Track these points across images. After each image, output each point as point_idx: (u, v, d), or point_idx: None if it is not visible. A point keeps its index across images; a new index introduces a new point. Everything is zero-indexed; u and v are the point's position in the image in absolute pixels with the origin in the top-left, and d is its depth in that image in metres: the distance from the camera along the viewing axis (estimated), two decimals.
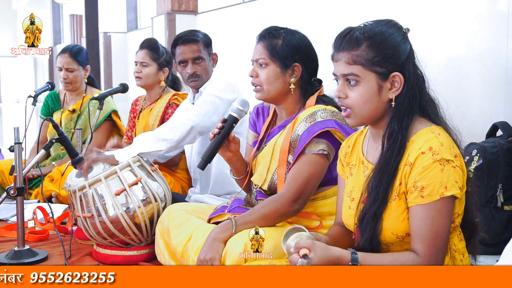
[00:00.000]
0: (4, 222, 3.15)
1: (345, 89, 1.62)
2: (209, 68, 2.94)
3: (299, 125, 2.08)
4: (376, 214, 1.58)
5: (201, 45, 2.91)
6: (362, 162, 1.72)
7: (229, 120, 2.11)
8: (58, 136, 2.49)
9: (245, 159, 2.34)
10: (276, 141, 2.16)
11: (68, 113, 3.83)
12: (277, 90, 2.13)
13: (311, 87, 2.17)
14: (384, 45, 1.58)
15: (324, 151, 2.03)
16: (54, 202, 3.35)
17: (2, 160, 3.90)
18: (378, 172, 1.59)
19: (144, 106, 3.53)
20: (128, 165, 2.45)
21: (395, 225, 1.58)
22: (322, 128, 2.02)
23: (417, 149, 1.54)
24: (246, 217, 2.02)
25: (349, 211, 1.71)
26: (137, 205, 2.39)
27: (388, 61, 1.58)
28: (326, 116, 2.05)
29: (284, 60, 2.11)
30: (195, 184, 3.10)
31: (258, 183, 2.20)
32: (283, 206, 2.01)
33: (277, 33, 2.14)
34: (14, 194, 2.40)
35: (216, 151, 2.11)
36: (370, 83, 1.59)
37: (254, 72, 2.15)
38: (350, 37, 1.61)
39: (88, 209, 2.40)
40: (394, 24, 1.63)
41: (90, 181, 2.39)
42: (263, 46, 2.14)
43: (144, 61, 3.39)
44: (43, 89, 3.75)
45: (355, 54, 1.59)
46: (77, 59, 3.79)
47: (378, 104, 1.60)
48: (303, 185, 2.02)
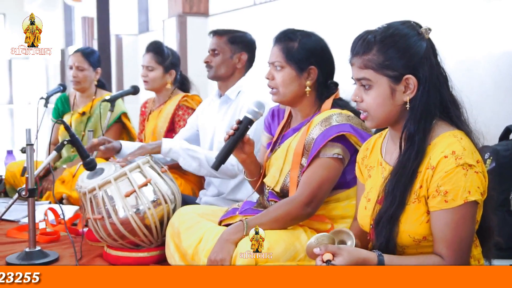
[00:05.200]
0: (16, 223, 3.17)
1: (360, 93, 1.63)
2: (226, 64, 2.92)
3: (314, 128, 2.08)
4: (392, 217, 1.58)
5: (224, 39, 2.92)
6: (380, 163, 1.72)
7: (244, 121, 2.12)
8: (70, 138, 2.50)
9: (259, 159, 2.35)
10: (290, 143, 2.17)
11: (78, 116, 3.84)
12: (293, 93, 2.14)
13: (327, 90, 2.18)
14: (395, 48, 1.58)
15: (339, 155, 2.03)
16: (65, 204, 3.36)
17: (14, 162, 3.93)
18: (395, 175, 1.59)
19: (153, 108, 3.54)
20: (138, 167, 2.46)
21: (413, 228, 1.57)
22: (338, 132, 2.03)
23: (440, 153, 1.54)
24: (258, 219, 2.03)
25: (365, 212, 1.71)
26: (147, 207, 2.40)
27: (399, 64, 1.58)
28: (341, 120, 2.06)
29: (299, 63, 2.12)
30: (207, 187, 3.10)
31: (271, 184, 2.20)
32: (295, 209, 2.01)
33: (293, 36, 2.15)
34: (25, 195, 2.42)
35: (230, 152, 2.12)
36: (382, 86, 1.59)
37: (270, 74, 2.16)
38: (363, 41, 1.62)
39: (98, 211, 2.41)
40: (410, 25, 1.62)
41: (100, 183, 2.41)
42: (279, 49, 2.15)
43: (149, 65, 3.40)
44: (55, 91, 3.78)
45: (366, 59, 1.60)
46: (88, 59, 3.81)
47: (393, 107, 1.60)
48: (316, 189, 2.02)
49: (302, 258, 1.96)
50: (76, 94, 3.94)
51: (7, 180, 3.80)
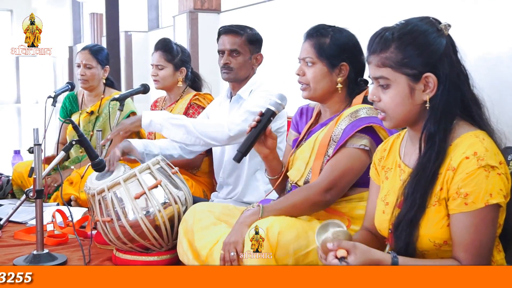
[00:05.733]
0: (23, 225, 3.19)
1: (378, 92, 1.63)
2: (246, 65, 2.94)
3: (343, 120, 2.11)
4: (412, 221, 1.57)
5: (243, 39, 2.93)
6: (398, 165, 1.71)
7: (266, 113, 2.14)
8: (78, 138, 2.51)
9: (283, 158, 2.36)
10: (317, 136, 2.19)
11: (86, 115, 3.85)
12: (324, 89, 2.16)
13: (358, 87, 2.20)
14: (413, 45, 1.57)
15: (366, 146, 2.05)
16: (74, 206, 3.38)
17: (21, 162, 3.94)
18: (415, 177, 1.59)
19: (164, 107, 3.55)
20: (148, 168, 2.47)
21: (434, 232, 1.57)
22: (367, 123, 2.05)
23: (461, 154, 1.53)
24: (275, 205, 2.05)
25: (383, 216, 1.70)
26: (157, 209, 2.41)
27: (418, 62, 1.57)
28: (371, 113, 2.08)
29: (331, 59, 2.14)
30: (219, 189, 3.11)
31: (295, 178, 2.21)
32: (314, 195, 2.03)
33: (325, 32, 2.17)
34: (33, 196, 2.44)
35: (253, 144, 2.14)
36: (401, 85, 1.59)
37: (301, 70, 2.18)
38: (380, 39, 1.61)
39: (107, 213, 2.43)
40: (428, 21, 1.61)
41: (109, 184, 2.42)
42: (310, 44, 2.17)
43: (159, 63, 3.41)
44: (63, 90, 3.77)
45: (384, 57, 1.59)
46: (96, 56, 3.82)
47: (412, 107, 1.60)
48: (338, 177, 2.03)
49: (313, 250, 1.95)
50: (84, 93, 3.95)
51: (14, 181, 3.82)
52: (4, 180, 3.89)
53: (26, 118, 14.36)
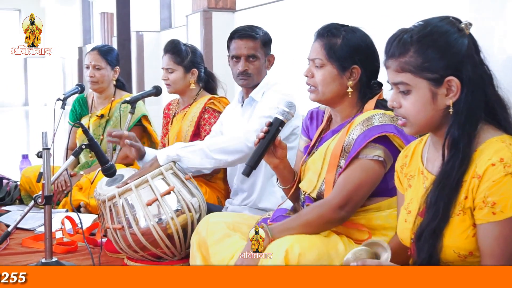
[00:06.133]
0: (31, 232, 3.21)
1: (398, 98, 1.61)
2: (262, 69, 2.94)
3: (355, 128, 2.06)
4: (435, 231, 1.55)
5: (259, 43, 2.92)
6: (421, 172, 1.69)
7: (274, 123, 2.11)
8: (88, 142, 2.52)
9: (295, 166, 2.33)
10: (328, 145, 2.15)
11: (96, 118, 3.87)
12: (333, 93, 2.12)
13: (370, 91, 2.15)
14: (434, 48, 1.55)
15: (380, 157, 2.01)
16: (83, 212, 3.39)
17: (30, 167, 3.96)
18: (438, 185, 1.57)
19: (178, 110, 3.54)
20: (160, 173, 2.47)
21: (458, 242, 1.55)
22: (380, 132, 2.00)
23: (486, 160, 1.50)
24: (288, 223, 2.02)
25: (405, 225, 1.69)
26: (169, 216, 2.41)
27: (440, 65, 1.55)
28: (384, 120, 2.04)
29: (342, 61, 2.10)
30: (233, 195, 3.10)
31: (307, 189, 2.18)
32: (328, 212, 2.00)
33: (337, 32, 2.12)
34: (42, 202, 2.44)
35: (262, 156, 2.11)
36: (422, 90, 1.57)
37: (310, 72, 2.14)
38: (398, 42, 1.59)
39: (118, 220, 2.43)
40: (449, 22, 1.59)
41: (120, 190, 2.42)
42: (320, 45, 2.12)
43: (168, 66, 3.40)
44: (72, 92, 3.79)
45: (403, 61, 1.57)
46: (106, 57, 3.83)
47: (434, 112, 1.58)
48: (352, 191, 2.00)
49: None
50: (94, 95, 3.97)
51: (22, 186, 3.83)
52: (12, 186, 3.92)
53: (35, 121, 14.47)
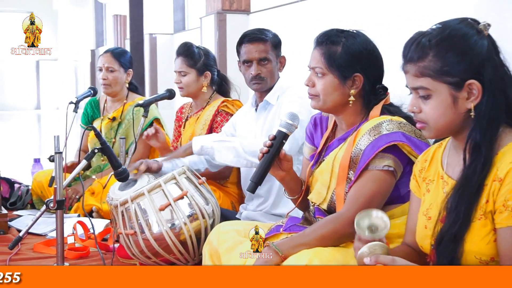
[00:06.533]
0: (43, 237, 3.24)
1: (418, 102, 1.61)
2: (274, 71, 2.96)
3: (362, 138, 2.06)
4: (456, 237, 1.56)
5: (269, 45, 2.94)
6: (441, 177, 1.70)
7: (278, 136, 2.09)
8: (101, 146, 2.54)
9: (302, 174, 2.34)
10: (335, 155, 2.14)
11: (108, 121, 3.89)
12: (335, 102, 2.12)
13: (375, 97, 2.15)
14: (453, 51, 1.56)
15: (390, 167, 2.00)
16: (95, 217, 3.40)
17: (41, 171, 4.00)
18: (459, 189, 1.57)
19: (191, 114, 3.56)
20: (173, 178, 2.49)
21: (479, 248, 1.55)
22: (388, 142, 1.99)
23: (508, 163, 1.51)
24: (301, 238, 2.01)
25: (425, 231, 1.69)
26: (183, 222, 2.43)
27: (460, 69, 1.55)
28: (392, 128, 2.02)
29: (343, 70, 2.08)
30: (248, 201, 3.11)
31: (316, 201, 2.18)
32: (342, 227, 1.99)
33: (336, 39, 2.11)
34: (53, 207, 2.46)
35: (267, 171, 2.09)
36: (442, 95, 1.57)
37: (310, 81, 2.14)
38: (416, 46, 1.59)
39: (130, 225, 2.45)
40: (467, 23, 1.59)
41: (132, 195, 2.45)
42: (320, 53, 2.11)
43: (181, 70, 3.42)
44: (85, 95, 3.81)
45: (422, 66, 1.58)
46: (119, 59, 3.86)
47: (455, 116, 1.58)
48: (365, 204, 1.98)
49: None
50: (106, 98, 4.00)
51: (34, 191, 3.87)
52: (24, 190, 3.94)
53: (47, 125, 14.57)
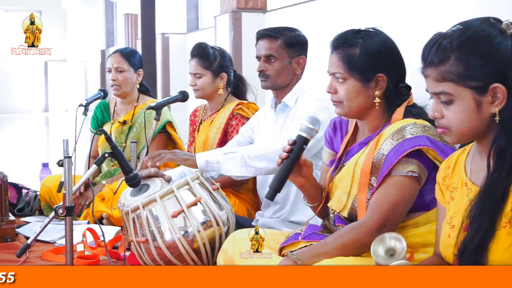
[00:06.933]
0: (51, 244, 3.25)
1: (439, 108, 1.61)
2: (285, 71, 2.96)
3: (384, 142, 2.05)
4: (480, 246, 1.55)
5: (280, 43, 2.94)
6: (465, 184, 1.69)
7: (298, 141, 2.10)
8: (111, 150, 2.54)
9: (321, 180, 2.33)
10: (357, 160, 2.14)
11: (119, 125, 3.90)
12: (359, 106, 2.11)
13: (398, 97, 2.14)
14: (476, 54, 1.55)
15: (414, 172, 2.00)
16: (106, 224, 3.42)
17: (50, 176, 4.01)
18: (483, 196, 1.56)
19: (205, 117, 3.57)
20: (187, 183, 2.49)
21: (504, 257, 1.54)
22: (412, 147, 1.99)
23: None
24: (321, 247, 2.01)
25: (448, 240, 1.68)
26: (196, 229, 2.42)
27: (483, 72, 1.54)
28: (416, 131, 2.02)
29: (364, 73, 2.08)
30: (264, 208, 3.10)
31: (337, 209, 2.18)
32: (364, 235, 1.99)
33: (353, 41, 2.10)
34: (62, 214, 2.47)
35: (286, 178, 2.10)
36: (465, 100, 1.57)
37: (332, 87, 2.13)
38: (436, 49, 1.59)
39: (142, 232, 2.45)
40: (490, 24, 1.58)
41: (144, 201, 2.45)
42: (338, 58, 2.11)
43: (196, 71, 3.44)
44: (95, 97, 3.81)
45: (443, 70, 1.57)
46: (128, 59, 3.87)
47: (479, 121, 1.58)
48: (388, 212, 1.99)
49: None
50: (117, 101, 4.00)
51: (42, 197, 3.88)
52: (32, 196, 3.96)
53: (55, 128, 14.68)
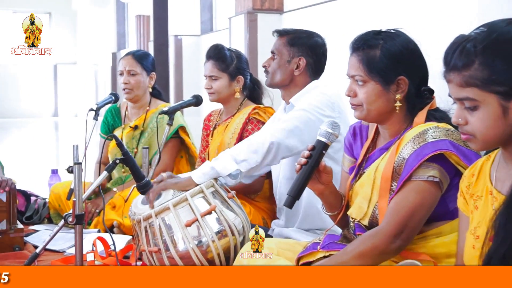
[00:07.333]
0: (61, 254, 3.26)
1: (463, 114, 1.60)
2: (282, 69, 2.96)
3: (406, 146, 2.05)
4: (505, 257, 1.53)
5: (284, 41, 2.96)
6: (490, 192, 1.67)
7: (317, 147, 2.09)
8: (123, 156, 2.54)
9: (341, 187, 2.32)
10: (377, 166, 2.13)
11: (130, 130, 3.90)
12: (380, 110, 2.11)
13: (420, 100, 2.13)
14: (502, 58, 1.53)
15: (435, 177, 1.99)
16: (116, 233, 3.43)
17: (59, 183, 4.03)
18: (509, 205, 1.54)
19: (219, 121, 3.57)
20: (201, 191, 2.49)
21: None
22: (434, 151, 1.98)
23: None
24: (339, 257, 2.01)
25: (473, 252, 1.67)
26: (210, 239, 2.42)
27: (509, 76, 1.53)
28: (438, 135, 2.01)
29: (385, 75, 2.08)
30: (279, 215, 3.09)
31: (357, 217, 2.17)
32: (382, 242, 1.98)
33: (374, 42, 2.10)
34: (72, 222, 2.47)
35: (305, 185, 2.10)
36: (491, 106, 1.55)
37: (352, 91, 2.13)
38: (460, 53, 1.57)
39: (154, 242, 2.45)
40: None
41: (157, 210, 2.45)
42: (358, 60, 2.11)
43: (212, 74, 3.44)
44: (106, 101, 3.80)
45: (467, 75, 1.56)
46: (141, 62, 3.87)
47: (505, 127, 1.56)
48: (406, 217, 1.98)
49: None
50: (128, 105, 4.01)
51: (52, 204, 3.89)
52: (40, 203, 3.96)
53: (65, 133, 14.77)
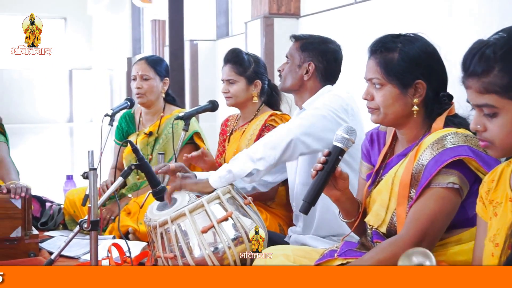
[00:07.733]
0: (76, 260, 3.28)
1: (482, 120, 1.60)
2: (293, 74, 2.97)
3: (424, 152, 2.05)
4: None
5: (296, 46, 2.98)
6: (510, 199, 1.67)
7: (333, 152, 2.10)
8: (138, 162, 2.56)
9: (358, 194, 2.33)
10: (395, 172, 2.13)
11: (144, 136, 3.91)
12: (397, 114, 2.12)
13: (439, 106, 2.13)
14: None
15: (455, 184, 1.99)
16: (132, 239, 3.44)
17: (74, 189, 4.05)
18: None
19: (236, 127, 3.57)
20: (217, 197, 2.50)
21: None
22: (453, 157, 1.98)
23: None
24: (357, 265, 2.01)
25: (492, 260, 1.67)
26: (227, 245, 2.43)
27: None
28: (457, 141, 2.01)
29: (402, 78, 2.08)
30: (296, 222, 3.09)
31: (374, 224, 2.17)
32: (402, 250, 1.95)
33: (392, 45, 2.11)
34: (87, 228, 2.49)
35: (321, 190, 2.10)
36: (510, 113, 1.55)
37: (369, 94, 2.14)
38: (479, 59, 1.57)
39: (170, 248, 2.47)
40: None
41: (173, 216, 2.46)
42: (375, 62, 2.12)
43: (229, 78, 3.45)
44: (121, 107, 3.83)
45: (487, 81, 1.55)
46: (154, 67, 3.89)
47: None
48: (426, 225, 1.98)
49: None
50: (142, 111, 4.03)
51: (66, 210, 3.92)
52: (55, 209, 3.99)
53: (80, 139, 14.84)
